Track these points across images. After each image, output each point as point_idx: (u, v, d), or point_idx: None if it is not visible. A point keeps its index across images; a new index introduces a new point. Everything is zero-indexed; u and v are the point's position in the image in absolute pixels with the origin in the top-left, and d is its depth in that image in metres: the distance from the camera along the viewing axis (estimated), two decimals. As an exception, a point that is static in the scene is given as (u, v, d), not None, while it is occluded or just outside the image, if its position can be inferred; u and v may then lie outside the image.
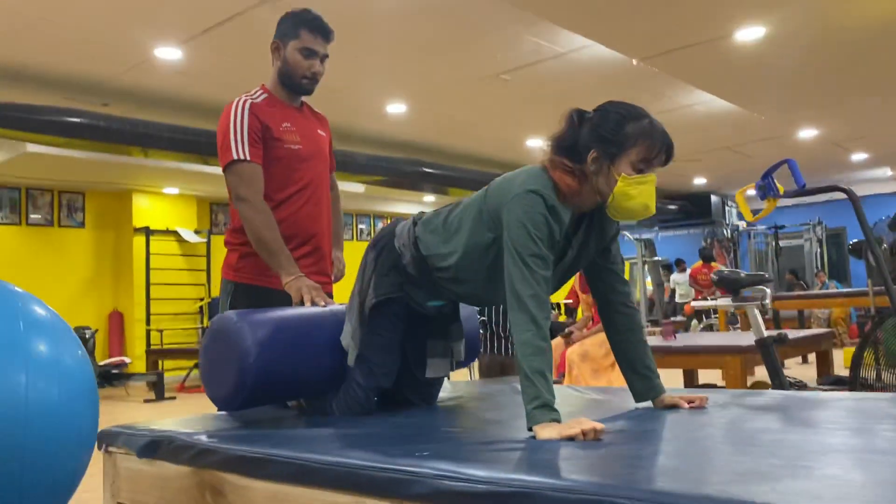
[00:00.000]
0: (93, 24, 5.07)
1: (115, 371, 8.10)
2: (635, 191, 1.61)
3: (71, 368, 1.22)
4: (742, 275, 2.98)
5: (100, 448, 1.89)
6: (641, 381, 1.81)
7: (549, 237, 1.60)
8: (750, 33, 5.30)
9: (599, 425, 1.42)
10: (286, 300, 2.15)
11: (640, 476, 1.13)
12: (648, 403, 1.82)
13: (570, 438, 1.40)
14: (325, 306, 2.06)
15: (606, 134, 1.62)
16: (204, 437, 1.66)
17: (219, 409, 1.97)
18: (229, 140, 2.22)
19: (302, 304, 2.09)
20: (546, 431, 1.44)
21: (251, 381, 1.77)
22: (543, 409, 1.47)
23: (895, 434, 1.35)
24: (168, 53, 5.61)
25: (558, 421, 1.46)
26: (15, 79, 6.02)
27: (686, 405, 1.77)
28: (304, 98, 2.48)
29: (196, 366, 9.14)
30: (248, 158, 2.22)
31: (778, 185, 2.69)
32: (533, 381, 1.48)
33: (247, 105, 2.26)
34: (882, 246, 6.86)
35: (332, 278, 2.53)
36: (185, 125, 6.78)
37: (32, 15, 4.87)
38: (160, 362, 8.97)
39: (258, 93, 2.35)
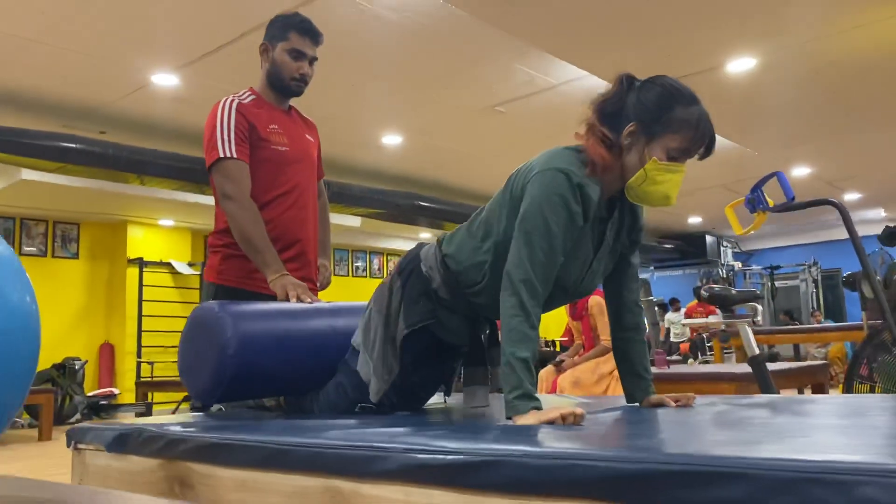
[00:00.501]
0: (89, 49, 5.11)
1: (103, 402, 7.99)
2: (662, 177, 1.50)
3: (12, 303, 1.18)
4: (733, 292, 2.94)
5: (69, 445, 1.83)
6: (637, 382, 1.76)
7: (567, 222, 1.48)
8: (741, 64, 5.36)
9: (580, 410, 1.37)
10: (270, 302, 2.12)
11: (617, 444, 1.09)
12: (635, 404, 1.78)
13: (550, 423, 1.35)
14: (311, 303, 2.02)
15: (652, 109, 1.51)
16: (173, 428, 1.61)
17: (196, 401, 1.92)
18: (216, 138, 2.21)
19: (287, 301, 2.05)
20: (524, 418, 1.39)
21: (229, 375, 1.73)
22: (524, 398, 1.42)
23: (882, 417, 1.31)
24: (165, 80, 5.65)
25: (539, 409, 1.41)
26: (9, 103, 6.05)
27: (673, 403, 1.72)
28: (295, 106, 2.48)
29: (186, 398, 9.03)
30: (235, 156, 2.20)
31: (767, 199, 2.67)
32: (515, 368, 1.43)
33: (234, 104, 2.26)
34: (876, 278, 6.84)
35: (318, 285, 2.50)
36: (181, 153, 6.80)
37: (28, 38, 4.91)
38: (150, 394, 8.85)
39: (246, 94, 2.35)
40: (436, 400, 2.23)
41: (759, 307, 2.93)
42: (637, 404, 1.77)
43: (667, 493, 0.89)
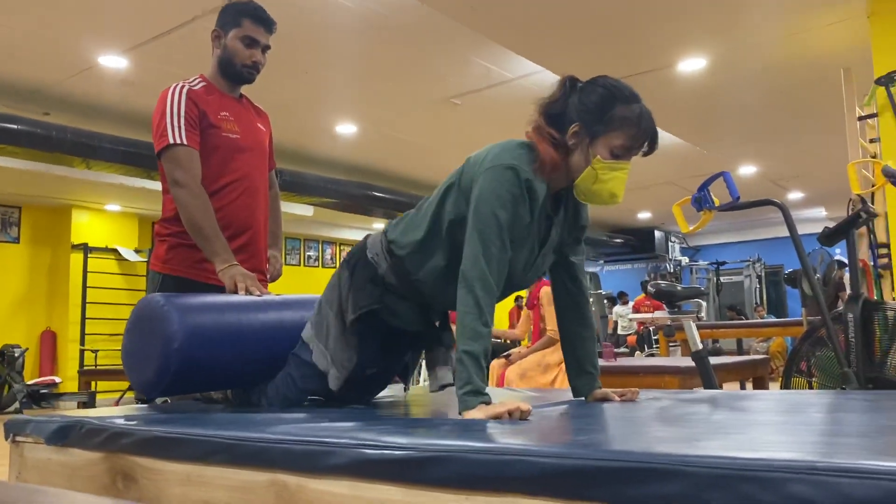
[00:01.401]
0: (34, 28, 4.95)
1: (43, 391, 7.78)
2: (607, 176, 1.53)
3: None
4: (679, 288, 3.01)
5: (6, 438, 1.78)
6: (584, 377, 1.80)
7: (515, 218, 1.51)
8: (691, 64, 5.46)
9: (526, 405, 1.39)
10: (217, 293, 2.08)
11: (562, 440, 1.11)
12: (581, 399, 1.81)
13: (497, 418, 1.37)
14: (259, 296, 2.00)
15: (594, 110, 1.54)
16: (116, 420, 1.58)
17: (141, 395, 1.88)
18: (165, 124, 2.17)
19: (236, 293, 2.03)
20: (473, 413, 1.41)
21: (174, 368, 1.70)
22: (473, 393, 1.44)
23: (817, 414, 1.36)
24: (113, 62, 5.51)
25: (488, 404, 1.43)
26: (-51, 82, 5.84)
27: (617, 398, 1.76)
28: (247, 93, 2.44)
29: (130, 388, 8.84)
30: (185, 143, 2.16)
31: (713, 198, 2.74)
32: (466, 365, 1.45)
33: (184, 90, 2.22)
34: (816, 276, 7.06)
35: (268, 276, 2.47)
36: (129, 137, 6.63)
37: (-30, 14, 4.74)
38: (93, 383, 8.65)
39: (197, 80, 2.31)
40: (393, 392, 2.24)
41: (703, 303, 3.00)
42: (583, 398, 1.80)
43: (607, 488, 0.92)
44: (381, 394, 2.18)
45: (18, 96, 6.20)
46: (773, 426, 1.19)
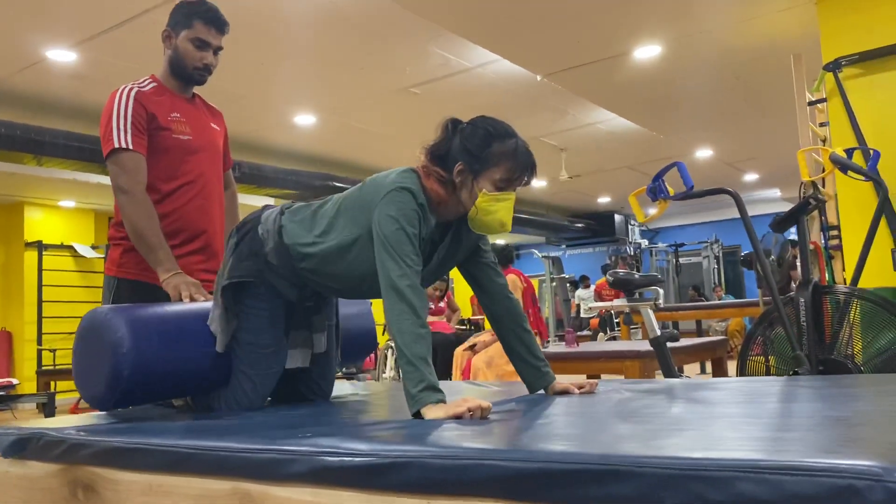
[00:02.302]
0: (-23, 22, 4.81)
1: (1, 393, 7.60)
2: (493, 207, 1.65)
3: None
4: (636, 276, 3.06)
5: (-38, 452, 1.75)
6: (532, 371, 1.84)
7: (418, 233, 1.62)
8: (647, 51, 5.51)
9: (486, 403, 1.41)
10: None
11: (521, 443, 1.13)
12: (541, 391, 1.84)
13: (458, 417, 1.39)
14: (204, 301, 1.99)
15: (473, 149, 1.65)
16: (75, 432, 1.57)
17: (96, 409, 1.86)
18: (111, 128, 2.14)
19: (180, 300, 2.01)
20: (433, 412, 1.43)
21: (126, 377, 1.68)
22: (429, 390, 1.46)
23: (770, 404, 1.40)
24: (62, 56, 5.38)
25: (444, 402, 1.45)
26: None
27: (577, 391, 1.80)
28: (201, 91, 2.41)
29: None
30: (130, 147, 2.13)
31: (668, 188, 2.78)
32: (416, 365, 1.48)
33: (132, 93, 2.18)
34: (770, 258, 7.23)
35: (226, 277, 2.45)
36: (82, 132, 6.49)
37: None
38: (52, 383, 8.49)
39: (146, 81, 2.27)
40: (348, 391, 2.25)
41: (661, 290, 3.05)
42: (542, 392, 1.83)
43: (566, 490, 0.94)
44: (339, 391, 2.19)
45: (-37, 92, 6.03)
46: (725, 420, 1.23)
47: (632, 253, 14.00)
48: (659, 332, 2.98)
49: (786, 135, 7.98)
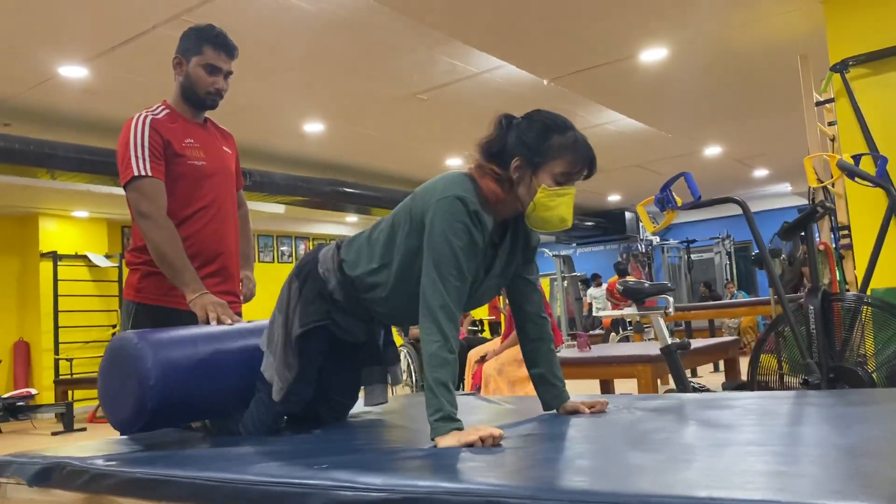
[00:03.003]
0: (-10, 41, 4.88)
1: (20, 403, 7.70)
2: (553, 202, 1.61)
3: None
4: (646, 285, 3.08)
5: (-11, 479, 1.80)
6: (550, 391, 1.85)
7: (469, 245, 1.57)
8: (653, 54, 5.52)
9: (497, 431, 1.44)
10: (191, 320, 2.10)
11: (532, 476, 1.16)
12: (553, 410, 1.86)
13: (470, 445, 1.42)
14: (231, 324, 2.02)
15: (531, 143, 1.61)
16: (98, 462, 1.60)
17: (120, 433, 1.91)
18: (129, 156, 2.17)
19: (207, 322, 2.05)
20: (445, 440, 1.45)
21: (152, 403, 1.72)
22: (445, 420, 1.48)
23: (780, 428, 1.42)
24: (73, 72, 5.44)
25: (460, 430, 1.47)
26: None
27: (587, 410, 1.82)
28: (210, 115, 2.44)
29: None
30: (150, 174, 2.17)
31: (676, 198, 2.80)
32: (436, 392, 1.50)
33: (147, 120, 2.22)
34: (780, 256, 7.21)
35: (241, 298, 2.49)
36: (92, 145, 6.56)
37: (-77, 30, 4.66)
38: (70, 392, 8.59)
39: (159, 108, 2.31)
40: (361, 406, 2.27)
41: (671, 298, 3.07)
42: (554, 411, 1.86)
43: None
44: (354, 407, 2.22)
45: (-23, 109, 6.11)
46: (733, 450, 1.24)
47: (643, 250, 13.99)
48: (670, 341, 2.99)
49: (795, 131, 7.94)
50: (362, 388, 2.00)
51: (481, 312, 12.12)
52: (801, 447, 1.22)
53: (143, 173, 2.16)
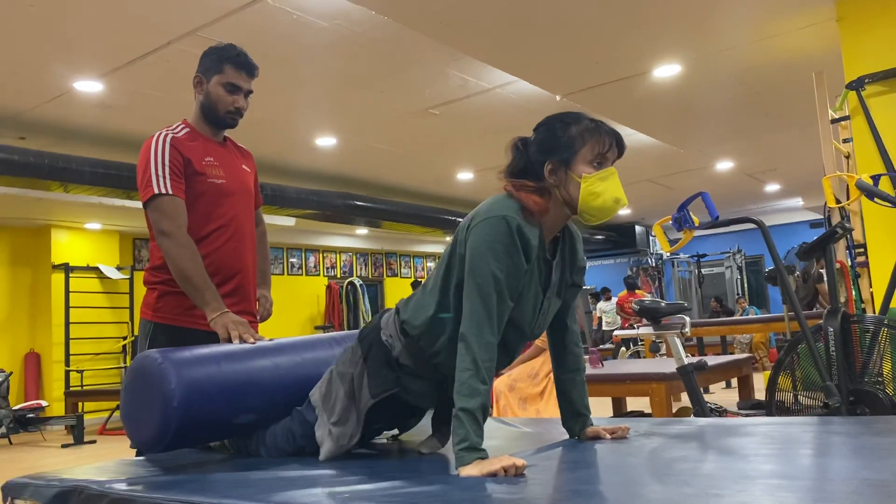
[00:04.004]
0: (8, 58, 4.92)
1: (30, 415, 7.71)
2: (601, 187, 1.59)
3: None
4: (662, 304, 3.06)
5: (4, 501, 1.79)
6: (577, 419, 1.84)
7: (511, 268, 1.54)
8: (667, 70, 5.52)
9: (520, 461, 1.43)
10: (208, 339, 2.09)
11: (558, 510, 1.14)
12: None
13: (493, 475, 1.40)
14: (253, 343, 2.02)
15: (555, 143, 1.61)
16: (117, 486, 1.60)
17: (141, 453, 1.90)
18: (150, 175, 2.18)
19: (229, 341, 2.04)
20: (468, 469, 1.44)
21: (175, 423, 1.71)
22: (470, 450, 1.47)
23: (803, 459, 1.40)
24: (88, 86, 5.48)
25: (484, 459, 1.46)
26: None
27: (608, 436, 1.80)
28: (228, 133, 2.45)
29: (118, 407, 8.79)
30: (170, 192, 2.17)
31: (693, 217, 2.78)
32: (463, 421, 1.48)
33: (167, 139, 2.22)
34: (795, 273, 7.18)
35: (258, 317, 2.49)
36: (106, 159, 6.60)
37: (-58, 46, 4.71)
38: (80, 404, 8.60)
39: (179, 127, 2.31)
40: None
41: (688, 318, 3.05)
42: (575, 437, 1.84)
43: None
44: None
45: (-7, 122, 6.16)
46: (759, 485, 1.23)
47: (653, 264, 13.94)
48: (686, 361, 2.97)
49: (808, 146, 7.93)
50: (428, 437, 1.86)
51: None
52: (832, 482, 1.20)
53: (163, 191, 2.17)
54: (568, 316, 1.82)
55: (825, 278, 5.68)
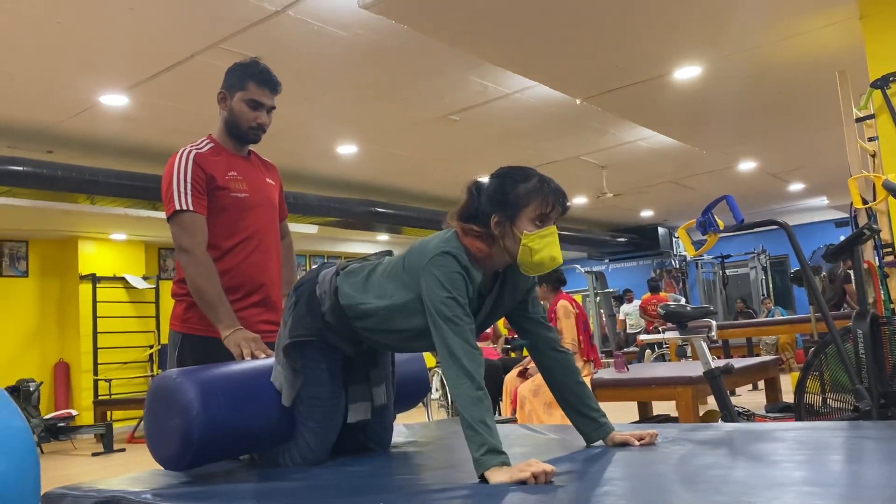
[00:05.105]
0: (36, 73, 5.01)
1: (61, 424, 7.83)
2: (538, 245, 1.70)
3: (12, 438, 1.19)
4: (688, 308, 3.05)
5: (43, 512, 1.82)
6: (588, 423, 1.85)
7: (465, 293, 1.68)
8: (687, 72, 5.49)
9: (550, 467, 1.43)
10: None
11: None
12: (600, 442, 1.84)
13: (522, 482, 1.41)
14: (265, 358, 2.05)
15: (501, 198, 1.72)
16: (152, 497, 1.63)
17: (166, 470, 1.92)
18: (172, 190, 2.22)
19: (242, 357, 2.08)
20: (497, 475, 1.45)
21: (197, 439, 1.74)
22: (491, 453, 1.49)
23: (835, 465, 1.40)
24: (114, 100, 5.56)
25: (508, 464, 1.47)
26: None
27: (636, 442, 1.80)
28: (253, 146, 2.48)
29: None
30: (191, 209, 2.21)
31: (718, 221, 2.77)
32: (476, 429, 1.52)
33: (191, 155, 2.26)
34: (821, 274, 7.10)
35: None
36: (131, 170, 6.69)
37: (-28, 64, 4.81)
38: (108, 413, 8.71)
39: (204, 142, 2.35)
40: (403, 437, 2.28)
41: (714, 322, 3.04)
42: (601, 443, 1.84)
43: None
44: (395, 437, 2.22)
45: (21, 136, 6.26)
46: (795, 491, 1.22)
47: (676, 266, 13.84)
48: (713, 365, 2.95)
49: (833, 145, 7.83)
50: (348, 406, 1.99)
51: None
52: (865, 488, 1.20)
53: (184, 207, 2.20)
54: (537, 326, 1.89)
55: (853, 278, 5.62)
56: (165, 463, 1.82)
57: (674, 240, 13.88)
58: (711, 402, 6.42)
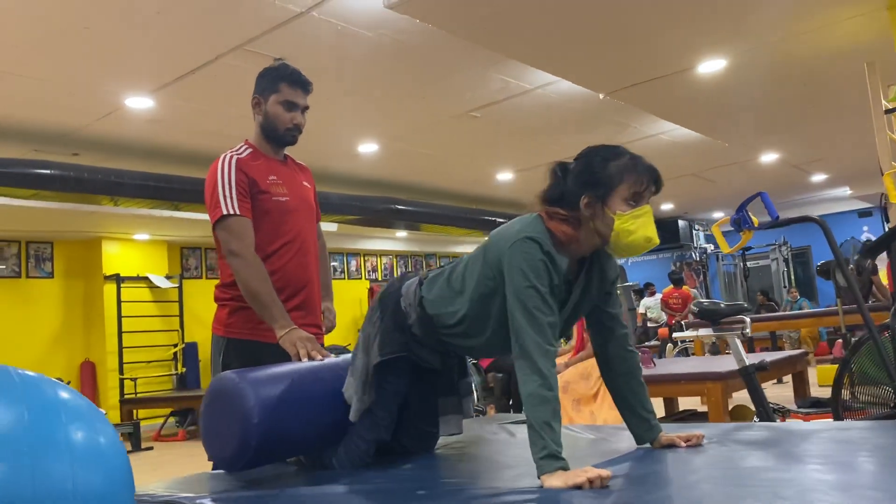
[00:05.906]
0: (62, 76, 5.06)
1: (88, 423, 7.91)
2: (634, 225, 1.63)
3: (109, 454, 1.21)
4: (722, 305, 3.04)
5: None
6: (641, 424, 1.84)
7: (549, 281, 1.61)
8: (711, 66, 5.45)
9: (606, 472, 1.44)
10: (278, 354, 2.15)
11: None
12: (646, 443, 1.85)
13: (577, 487, 1.42)
14: (321, 359, 2.07)
15: (592, 177, 1.65)
16: (207, 501, 1.65)
17: (221, 470, 1.95)
18: (218, 196, 2.24)
19: (298, 358, 2.09)
20: (552, 480, 1.46)
21: (255, 441, 1.76)
22: (550, 458, 1.49)
23: (883, 474, 1.39)
24: (139, 103, 5.61)
25: (565, 469, 1.48)
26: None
27: (683, 444, 1.80)
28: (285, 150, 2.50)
29: (172, 413, 9.00)
30: (238, 213, 2.23)
31: (752, 218, 2.76)
32: (539, 432, 1.50)
33: (233, 160, 2.28)
34: (849, 266, 7.04)
35: (323, 329, 2.53)
36: (155, 172, 6.75)
37: (1, 70, 4.86)
38: (135, 412, 8.80)
39: (243, 148, 2.37)
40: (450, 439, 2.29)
41: (748, 319, 3.03)
42: (648, 445, 1.84)
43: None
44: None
45: (48, 140, 6.33)
46: (856, 495, 1.22)
47: (697, 258, 13.77)
48: (748, 363, 2.95)
49: (856, 135, 7.78)
50: (439, 418, 2.02)
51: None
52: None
53: (231, 212, 2.23)
54: (609, 325, 1.84)
55: (888, 272, 5.56)
56: (219, 463, 1.85)
57: (694, 232, 13.81)
58: (737, 397, 6.39)
